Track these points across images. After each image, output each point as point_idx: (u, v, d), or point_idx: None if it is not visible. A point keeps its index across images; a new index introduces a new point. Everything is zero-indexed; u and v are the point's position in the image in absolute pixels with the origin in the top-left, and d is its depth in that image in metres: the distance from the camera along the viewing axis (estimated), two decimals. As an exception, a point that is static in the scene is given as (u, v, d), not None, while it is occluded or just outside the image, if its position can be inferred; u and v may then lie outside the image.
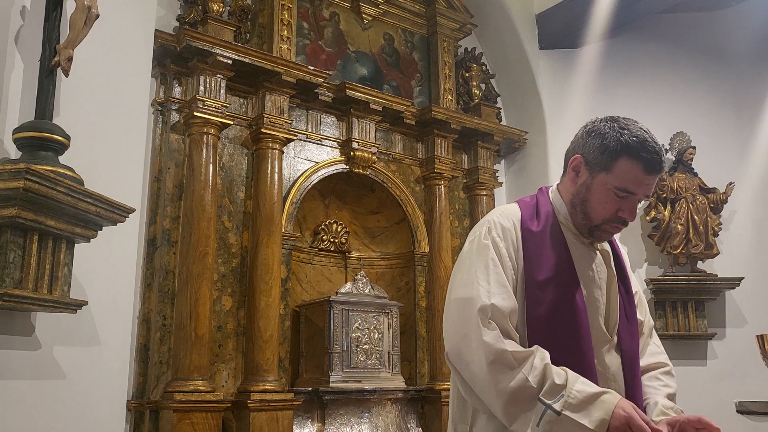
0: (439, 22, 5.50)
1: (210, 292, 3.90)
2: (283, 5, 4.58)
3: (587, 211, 1.66)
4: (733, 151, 5.78)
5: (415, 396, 4.75)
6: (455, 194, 5.51)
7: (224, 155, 4.32)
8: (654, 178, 1.62)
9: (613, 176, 1.60)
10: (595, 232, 1.68)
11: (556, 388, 1.44)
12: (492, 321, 1.52)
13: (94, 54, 3.09)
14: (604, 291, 1.70)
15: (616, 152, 1.60)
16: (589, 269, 1.69)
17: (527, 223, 1.67)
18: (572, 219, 1.70)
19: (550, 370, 1.47)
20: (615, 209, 1.62)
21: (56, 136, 2.71)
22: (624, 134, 1.61)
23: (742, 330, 5.40)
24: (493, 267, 1.59)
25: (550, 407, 1.42)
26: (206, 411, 3.67)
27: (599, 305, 1.68)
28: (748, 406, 3.22)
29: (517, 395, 1.46)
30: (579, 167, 1.68)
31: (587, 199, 1.65)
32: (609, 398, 1.43)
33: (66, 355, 2.95)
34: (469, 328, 1.52)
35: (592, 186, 1.64)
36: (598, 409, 1.42)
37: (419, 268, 5.10)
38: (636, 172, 1.59)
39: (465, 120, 5.34)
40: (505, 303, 1.55)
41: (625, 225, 1.66)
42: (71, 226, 2.70)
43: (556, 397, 1.43)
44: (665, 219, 5.55)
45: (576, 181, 1.68)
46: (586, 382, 1.47)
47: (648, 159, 1.59)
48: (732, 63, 5.92)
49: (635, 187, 1.60)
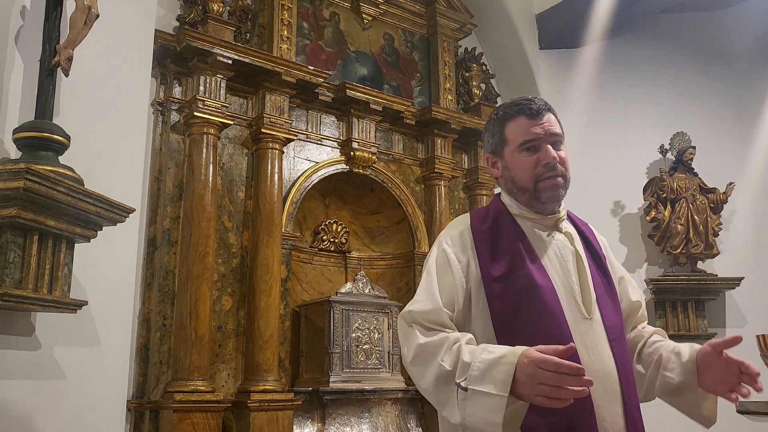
0: (439, 22, 5.50)
1: (210, 292, 3.90)
2: (283, 5, 4.58)
3: (519, 184, 1.72)
4: (733, 151, 5.78)
5: (415, 396, 4.74)
6: (455, 194, 5.51)
7: (224, 155, 4.32)
8: (544, 117, 1.70)
9: (511, 141, 1.72)
10: (540, 195, 1.69)
11: (464, 366, 1.43)
12: (414, 323, 1.60)
13: (94, 54, 3.09)
14: (573, 271, 1.69)
15: (499, 126, 1.76)
16: (553, 252, 1.70)
17: (477, 226, 1.73)
18: (523, 204, 1.74)
19: (462, 350, 1.47)
20: (534, 162, 1.68)
21: (56, 136, 2.71)
22: (498, 111, 1.79)
23: (742, 330, 5.40)
24: (426, 277, 1.68)
25: (459, 386, 1.42)
26: (206, 411, 3.67)
27: (572, 285, 1.66)
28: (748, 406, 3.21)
29: (438, 382, 1.48)
30: (492, 160, 1.80)
31: (512, 175, 1.73)
32: (510, 356, 1.39)
33: (66, 355, 2.95)
34: (400, 338, 1.65)
35: (508, 163, 1.74)
36: (500, 372, 1.37)
37: (419, 268, 5.09)
38: (522, 123, 1.71)
39: (465, 120, 5.34)
40: (426, 306, 1.61)
41: (555, 170, 1.67)
42: (71, 226, 2.70)
43: (464, 375, 1.42)
44: (665, 219, 5.55)
45: (500, 173, 1.78)
46: (492, 350, 1.44)
47: (522, 109, 1.71)
48: (732, 63, 5.92)
49: (531, 134, 1.69)
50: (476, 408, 1.39)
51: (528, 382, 1.34)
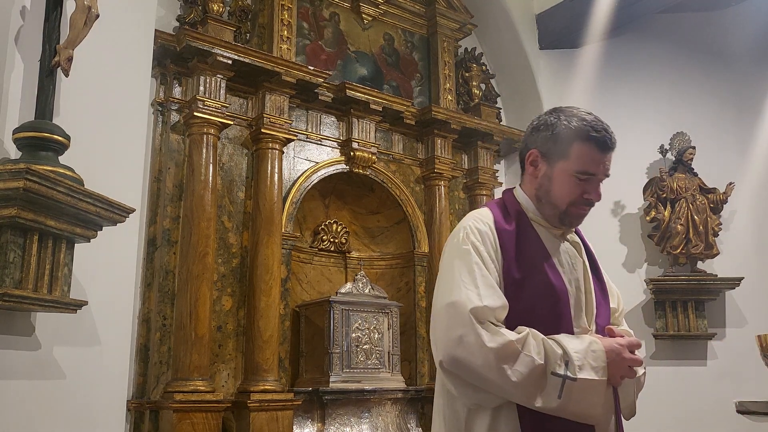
0: (439, 22, 5.50)
1: (210, 292, 3.90)
2: (283, 5, 4.58)
3: (553, 200, 1.72)
4: (733, 151, 5.78)
5: (415, 396, 4.75)
6: (455, 194, 5.51)
7: (224, 155, 4.32)
8: (610, 155, 1.71)
9: (572, 162, 1.69)
10: (565, 219, 1.74)
11: (559, 357, 1.55)
12: (486, 320, 1.55)
13: (94, 54, 3.09)
14: (582, 282, 1.76)
15: (569, 139, 1.69)
16: (565, 261, 1.75)
17: (501, 224, 1.72)
18: (541, 212, 1.76)
19: (548, 344, 1.57)
20: (580, 192, 1.70)
21: (56, 136, 2.71)
22: (572, 120, 1.70)
23: (742, 330, 5.40)
24: (478, 270, 1.62)
25: (567, 377, 1.53)
26: (206, 411, 3.67)
27: (581, 296, 1.73)
28: (748, 406, 3.22)
29: (531, 376, 1.52)
30: (537, 161, 1.75)
31: (551, 189, 1.72)
32: (595, 345, 1.60)
33: (66, 355, 2.95)
34: (463, 331, 1.53)
35: (553, 176, 1.72)
36: (596, 359, 1.57)
37: (419, 268, 5.10)
38: (592, 153, 1.68)
39: (465, 120, 5.34)
40: (496, 303, 1.59)
41: (591, 206, 1.74)
42: (71, 226, 2.70)
43: (564, 366, 1.54)
44: (665, 219, 5.55)
45: (536, 175, 1.75)
46: (571, 339, 1.60)
47: (600, 138, 1.67)
48: (732, 63, 5.92)
49: (594, 167, 1.68)
50: (584, 393, 1.53)
51: (618, 363, 1.60)
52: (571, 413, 1.54)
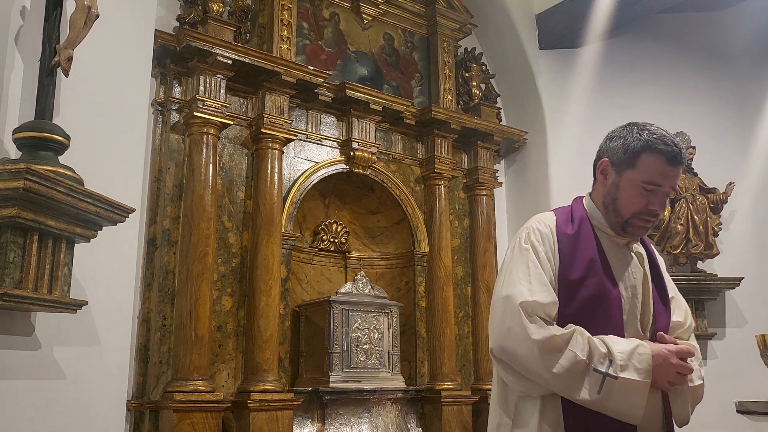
0: (439, 22, 5.50)
1: (210, 292, 3.90)
2: (283, 5, 4.58)
3: (618, 208, 1.78)
4: (733, 151, 5.77)
5: (415, 396, 4.75)
6: (455, 194, 5.51)
7: (224, 155, 4.32)
8: (677, 170, 1.75)
9: (639, 171, 1.74)
10: (627, 228, 1.79)
11: (603, 356, 1.61)
12: (534, 314, 1.65)
13: (94, 54, 3.09)
14: (639, 291, 1.81)
15: (639, 149, 1.75)
16: (625, 270, 1.80)
17: (562, 227, 1.80)
18: (606, 220, 1.83)
19: (593, 342, 1.64)
20: (645, 203, 1.75)
21: (56, 136, 2.71)
22: (643, 133, 1.76)
23: (742, 330, 5.39)
24: (534, 267, 1.72)
25: (608, 374, 1.59)
26: (206, 411, 3.67)
27: (637, 303, 1.79)
28: (748, 406, 3.22)
29: (572, 370, 1.60)
30: (607, 170, 1.82)
31: (617, 197, 1.79)
32: (641, 347, 1.64)
33: (66, 355, 2.95)
34: (512, 323, 1.65)
35: (620, 184, 1.78)
36: (642, 362, 1.61)
37: (419, 268, 5.10)
38: (659, 164, 1.73)
39: (465, 120, 5.34)
40: (546, 299, 1.68)
41: (655, 218, 1.78)
42: (71, 226, 2.70)
43: (606, 364, 1.60)
44: (665, 219, 5.54)
45: (605, 183, 1.83)
46: (618, 341, 1.66)
47: (668, 151, 1.72)
48: (732, 63, 5.91)
49: (661, 179, 1.74)
50: (624, 393, 1.59)
51: (665, 368, 1.64)
52: (611, 410, 1.60)
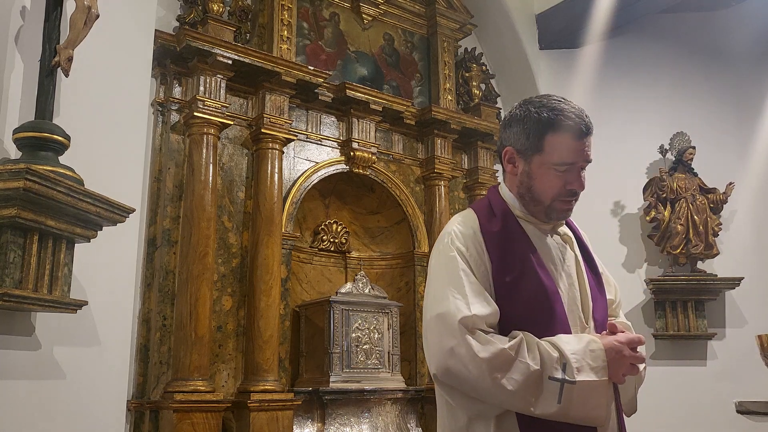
0: (439, 22, 5.50)
1: (210, 292, 3.90)
2: (283, 5, 4.58)
3: (535, 195, 1.65)
4: (733, 151, 5.77)
5: (415, 396, 4.75)
6: (455, 194, 5.51)
7: (224, 155, 4.32)
8: (588, 141, 1.61)
9: (547, 154, 1.61)
10: (551, 213, 1.67)
11: (556, 361, 1.49)
12: (476, 329, 1.50)
13: (94, 54, 3.09)
14: (575, 278, 1.70)
15: (541, 131, 1.61)
16: (556, 257, 1.69)
17: (486, 225, 1.66)
18: (527, 209, 1.69)
19: (543, 347, 1.51)
20: (562, 184, 1.62)
21: (56, 136, 2.71)
22: (542, 111, 1.61)
23: (742, 330, 5.40)
24: (465, 277, 1.57)
25: (565, 380, 1.47)
26: (206, 411, 3.67)
27: (576, 293, 1.67)
28: (748, 406, 3.22)
29: (527, 383, 1.47)
30: (513, 158, 1.69)
31: (531, 185, 1.65)
32: (593, 345, 1.54)
33: (66, 355, 2.95)
34: (454, 342, 1.49)
35: (531, 171, 1.65)
36: (595, 359, 1.51)
37: (419, 268, 5.09)
38: (567, 142, 1.59)
39: (465, 120, 5.34)
40: (485, 310, 1.53)
41: (576, 196, 1.66)
42: (71, 226, 2.70)
43: (561, 370, 1.48)
44: (665, 219, 5.55)
45: (515, 172, 1.69)
46: (568, 340, 1.54)
47: (573, 126, 1.59)
48: (732, 63, 5.92)
49: (573, 156, 1.60)
50: (585, 396, 1.48)
51: (619, 362, 1.53)
52: (574, 418, 1.48)
